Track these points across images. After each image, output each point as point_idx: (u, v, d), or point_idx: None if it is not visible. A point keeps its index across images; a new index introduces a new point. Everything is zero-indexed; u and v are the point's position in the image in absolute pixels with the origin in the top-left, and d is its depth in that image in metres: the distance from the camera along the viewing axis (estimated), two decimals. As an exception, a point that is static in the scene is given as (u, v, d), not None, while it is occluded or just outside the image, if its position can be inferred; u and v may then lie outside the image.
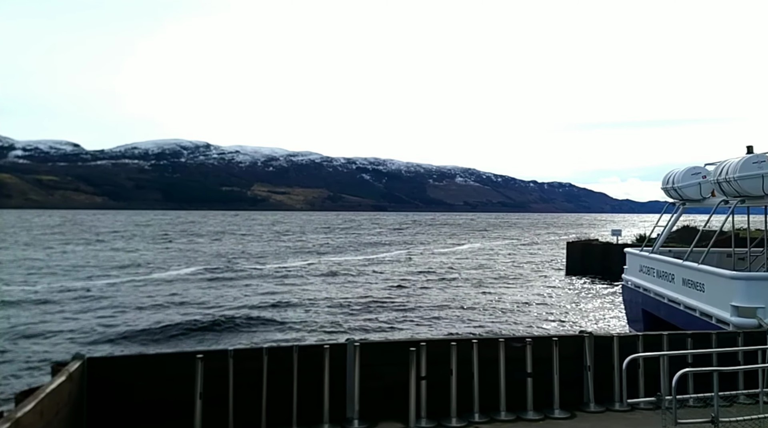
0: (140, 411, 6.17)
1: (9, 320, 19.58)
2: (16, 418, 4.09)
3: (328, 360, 6.46)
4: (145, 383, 6.17)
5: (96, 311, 21.86)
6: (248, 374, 6.30)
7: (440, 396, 6.64)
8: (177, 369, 6.24)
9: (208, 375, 6.11)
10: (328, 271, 36.14)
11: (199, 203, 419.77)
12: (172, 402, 6.20)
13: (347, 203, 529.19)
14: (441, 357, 6.69)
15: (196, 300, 24.81)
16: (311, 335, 17.86)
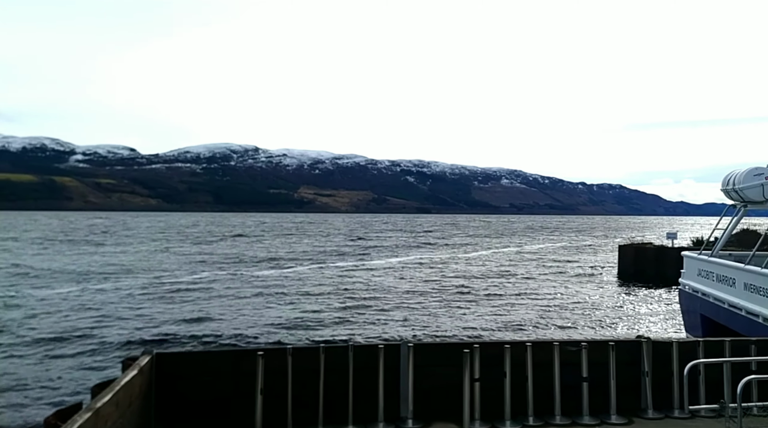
0: (204, 405, 6.37)
1: (79, 316, 20.77)
2: (96, 408, 4.40)
3: (383, 360, 6.51)
4: (209, 378, 6.41)
5: (163, 308, 22.89)
6: (306, 371, 6.46)
7: (494, 398, 6.60)
8: (239, 365, 6.44)
9: (268, 372, 6.29)
10: (378, 271, 36.51)
11: (247, 206, 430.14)
12: (234, 397, 6.39)
13: (391, 205, 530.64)
14: (494, 359, 6.67)
15: (256, 297, 25.57)
16: (364, 334, 18.17)
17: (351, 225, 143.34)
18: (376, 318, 21.10)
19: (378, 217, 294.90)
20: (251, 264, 40.96)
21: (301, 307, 23.09)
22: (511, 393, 6.62)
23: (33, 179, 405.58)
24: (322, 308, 22.84)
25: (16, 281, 29.84)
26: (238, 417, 6.33)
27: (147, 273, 34.63)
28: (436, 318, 21.36)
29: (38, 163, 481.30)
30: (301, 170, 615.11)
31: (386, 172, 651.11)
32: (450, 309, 23.21)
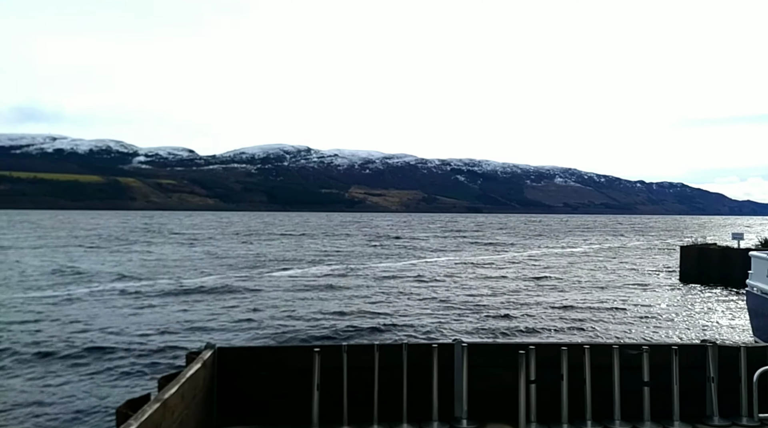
0: (263, 399, 6.52)
1: (144, 311, 21.92)
2: (164, 399, 4.58)
3: (437, 359, 6.52)
4: (267, 373, 6.54)
5: (223, 303, 23.69)
6: (360, 369, 6.50)
7: (550, 400, 6.51)
8: (296, 361, 6.56)
9: (325, 369, 6.37)
10: (429, 270, 36.92)
11: (299, 205, 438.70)
12: (291, 393, 6.51)
13: (442, 204, 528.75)
14: (551, 361, 6.58)
15: (311, 294, 26.24)
16: (419, 334, 18.27)
17: (399, 224, 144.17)
18: (428, 317, 21.28)
19: (427, 216, 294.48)
20: (304, 262, 42.08)
21: (353, 305, 23.52)
22: (569, 396, 6.49)
23: (99, 180, 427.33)
24: (374, 307, 23.18)
25: (83, 278, 31.35)
26: (296, 413, 6.44)
27: (207, 270, 36.25)
28: (489, 318, 21.32)
29: (104, 164, 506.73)
30: (352, 169, 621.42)
31: (436, 171, 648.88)
32: (503, 310, 23.17)
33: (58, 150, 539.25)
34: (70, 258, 42.69)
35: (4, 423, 10.05)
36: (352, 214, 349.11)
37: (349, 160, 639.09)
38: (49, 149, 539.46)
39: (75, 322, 19.21)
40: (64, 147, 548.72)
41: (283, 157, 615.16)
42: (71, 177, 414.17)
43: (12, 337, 16.83)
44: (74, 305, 22.59)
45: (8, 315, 19.93)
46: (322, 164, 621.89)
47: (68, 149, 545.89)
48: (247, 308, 22.42)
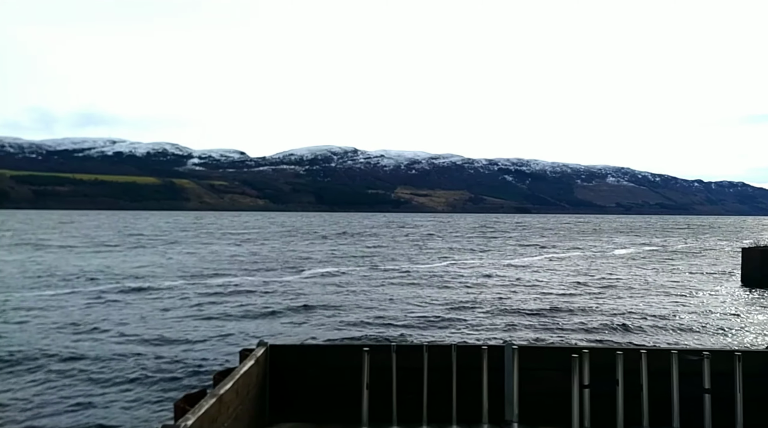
0: (314, 397, 6.58)
1: (201, 307, 22.45)
2: (219, 395, 4.69)
3: (486, 361, 6.46)
4: (318, 371, 6.61)
5: (274, 301, 24.03)
6: (409, 369, 6.50)
7: (605, 406, 6.34)
8: (346, 360, 6.58)
9: (374, 368, 6.38)
10: (474, 272, 36.74)
11: (347, 206, 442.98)
12: (341, 391, 6.54)
13: (489, 204, 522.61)
14: (606, 366, 6.39)
15: (363, 293, 26.37)
16: (469, 335, 18.23)
17: (444, 224, 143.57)
18: (478, 319, 21.15)
19: (473, 217, 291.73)
20: (350, 261, 42.52)
21: (397, 305, 23.57)
22: (624, 403, 6.32)
23: (156, 182, 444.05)
24: (422, 307, 23.21)
25: (138, 276, 32.37)
26: (346, 411, 6.46)
27: (258, 269, 37.08)
28: (538, 321, 20.93)
29: (160, 166, 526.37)
30: (398, 170, 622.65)
31: (483, 171, 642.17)
32: (554, 312, 22.67)
33: (118, 153, 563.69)
34: (127, 257, 44.53)
35: (70, 416, 10.38)
36: (398, 214, 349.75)
37: (396, 160, 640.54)
38: (109, 151, 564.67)
39: (130, 318, 19.93)
40: (123, 150, 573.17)
41: (331, 158, 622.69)
42: (129, 179, 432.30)
43: (71, 332, 17.54)
44: (129, 302, 23.45)
45: (71, 312, 20.84)
46: (369, 164, 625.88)
47: (127, 151, 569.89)
48: (298, 306, 22.74)
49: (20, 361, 14.01)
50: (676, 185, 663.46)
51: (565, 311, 23.07)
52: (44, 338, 16.71)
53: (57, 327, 18.33)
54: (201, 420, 4.12)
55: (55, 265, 37.09)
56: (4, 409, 10.62)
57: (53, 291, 25.75)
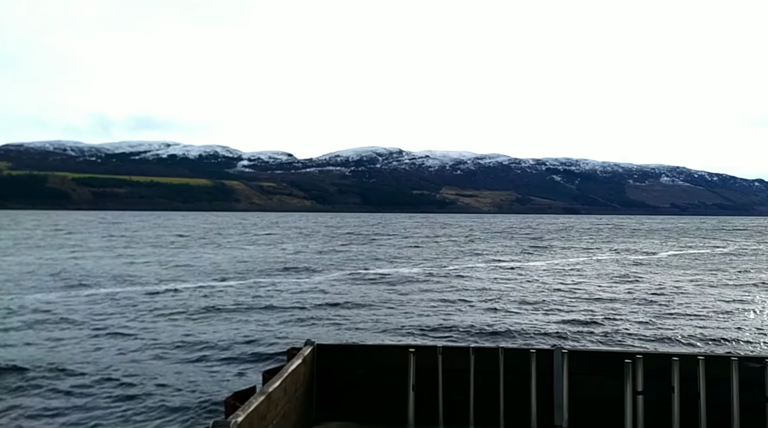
0: (360, 397, 6.59)
1: (249, 305, 23.02)
2: (268, 392, 4.79)
3: (535, 365, 6.33)
4: (364, 371, 6.62)
5: (321, 300, 24.29)
6: (455, 371, 6.46)
7: (660, 414, 6.14)
8: (392, 361, 6.59)
9: (420, 369, 6.40)
10: (525, 273, 36.22)
11: (392, 206, 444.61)
12: (387, 391, 6.54)
13: (536, 205, 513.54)
14: (660, 372, 6.17)
15: (407, 293, 26.29)
16: (517, 337, 17.78)
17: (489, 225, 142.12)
18: (526, 321, 20.51)
19: (520, 217, 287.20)
20: (395, 262, 42.78)
21: (445, 306, 23.19)
22: (681, 410, 6.06)
23: (207, 183, 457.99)
24: (470, 308, 22.86)
25: (189, 274, 33.11)
26: (391, 411, 6.45)
27: (304, 268, 36.97)
28: (590, 325, 19.93)
29: (211, 168, 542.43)
30: (443, 170, 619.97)
31: (530, 171, 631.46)
32: (605, 316, 21.61)
33: (172, 155, 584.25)
34: (177, 256, 46.50)
35: (124, 411, 10.87)
36: (443, 215, 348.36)
37: (441, 161, 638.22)
38: (164, 154, 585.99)
39: (181, 316, 20.56)
40: (176, 153, 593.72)
41: (376, 159, 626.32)
42: (183, 181, 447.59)
43: (128, 329, 18.25)
44: (178, 300, 24.16)
45: (125, 308, 21.88)
46: (414, 165, 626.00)
47: (180, 154, 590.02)
48: (343, 306, 22.79)
49: (67, 361, 14.37)
50: (735, 185, 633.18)
51: (613, 316, 22.08)
52: (95, 336, 17.44)
53: (106, 324, 19.04)
54: (250, 417, 4.18)
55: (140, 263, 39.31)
56: (57, 410, 10.92)
57: (111, 289, 26.72)
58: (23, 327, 18.10)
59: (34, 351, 15.06)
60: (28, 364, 13.70)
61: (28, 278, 30.49)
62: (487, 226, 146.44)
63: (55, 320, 19.46)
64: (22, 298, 23.78)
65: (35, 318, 19.54)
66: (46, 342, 16.12)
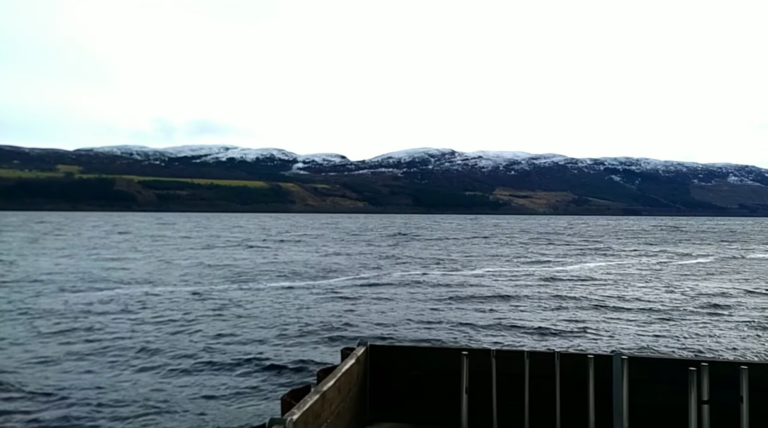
0: (413, 398, 6.62)
1: (307, 304, 23.38)
2: (323, 391, 4.83)
3: (593, 371, 6.16)
4: (416, 372, 6.65)
5: (377, 300, 24.43)
6: (509, 375, 6.39)
7: (726, 425, 5.91)
8: (444, 363, 6.58)
9: (473, 372, 6.32)
10: (576, 276, 35.45)
11: (444, 208, 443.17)
12: (440, 393, 6.56)
13: (594, 206, 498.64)
14: (728, 381, 5.94)
15: (457, 295, 26.11)
16: (574, 342, 17.43)
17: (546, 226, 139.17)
18: (585, 325, 19.97)
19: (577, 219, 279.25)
20: (447, 263, 42.65)
21: (497, 309, 22.98)
22: (750, 421, 5.78)
23: (264, 186, 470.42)
24: (526, 311, 22.52)
25: (248, 275, 33.40)
26: (445, 414, 6.46)
27: (356, 269, 36.92)
28: (652, 330, 19.28)
29: (268, 171, 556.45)
30: (497, 171, 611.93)
31: (588, 171, 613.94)
32: (669, 322, 20.74)
33: (230, 159, 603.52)
34: (238, 256, 48.14)
35: (182, 408, 11.20)
36: (497, 216, 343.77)
37: (494, 161, 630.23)
38: (223, 158, 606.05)
39: (241, 314, 21.20)
40: (235, 156, 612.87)
41: (428, 160, 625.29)
42: (241, 183, 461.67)
43: (181, 328, 18.72)
44: (236, 299, 24.76)
45: (193, 306, 22.62)
46: (466, 166, 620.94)
47: (238, 157, 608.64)
48: (397, 307, 22.88)
49: (133, 357, 14.90)
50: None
51: (675, 321, 21.24)
52: (157, 331, 17.98)
53: (166, 321, 19.66)
54: (306, 415, 4.25)
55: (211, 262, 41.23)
56: (119, 402, 11.41)
57: (190, 288, 27.27)
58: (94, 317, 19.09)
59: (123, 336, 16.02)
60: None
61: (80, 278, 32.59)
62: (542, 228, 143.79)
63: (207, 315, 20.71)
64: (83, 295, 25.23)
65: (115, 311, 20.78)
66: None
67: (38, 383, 12.50)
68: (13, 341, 16.51)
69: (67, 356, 14.86)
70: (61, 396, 11.63)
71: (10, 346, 15.93)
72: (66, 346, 15.91)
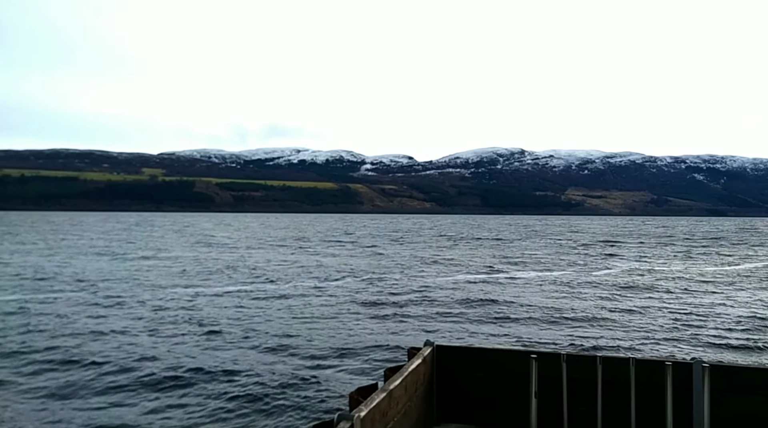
0: (480, 400, 6.53)
1: (370, 303, 23.60)
2: (390, 390, 4.88)
3: (671, 379, 5.90)
4: (483, 374, 6.54)
5: (441, 301, 24.50)
6: (581, 380, 6.22)
7: None
8: (513, 365, 6.44)
9: (542, 376, 6.21)
10: (651, 279, 34.26)
11: (513, 208, 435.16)
12: (508, 396, 6.42)
13: (674, 206, 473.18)
14: None
15: (523, 297, 25.75)
16: (649, 348, 16.87)
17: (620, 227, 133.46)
18: (655, 331, 19.30)
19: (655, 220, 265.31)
20: (511, 265, 41.89)
21: (567, 311, 22.48)
22: None
23: (333, 187, 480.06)
24: (599, 315, 21.84)
25: (312, 273, 33.35)
26: (513, 418, 6.36)
27: (421, 269, 37.21)
28: (729, 337, 18.40)
29: (337, 172, 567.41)
30: (569, 170, 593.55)
31: (668, 170, 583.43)
32: (746, 328, 19.77)
33: (301, 161, 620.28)
34: (299, 255, 48.19)
35: (258, 403, 11.51)
36: (568, 217, 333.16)
37: (566, 160, 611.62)
38: (294, 160, 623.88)
39: (306, 313, 21.63)
40: (305, 158, 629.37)
41: (497, 160, 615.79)
42: (311, 184, 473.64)
43: (250, 325, 19.14)
44: (303, 297, 25.26)
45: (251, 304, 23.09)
46: (537, 165, 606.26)
47: (309, 159, 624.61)
48: (463, 308, 22.81)
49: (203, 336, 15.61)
50: None
51: (757, 331, 19.99)
52: (230, 327, 18.32)
53: (238, 318, 20.12)
54: (373, 413, 4.30)
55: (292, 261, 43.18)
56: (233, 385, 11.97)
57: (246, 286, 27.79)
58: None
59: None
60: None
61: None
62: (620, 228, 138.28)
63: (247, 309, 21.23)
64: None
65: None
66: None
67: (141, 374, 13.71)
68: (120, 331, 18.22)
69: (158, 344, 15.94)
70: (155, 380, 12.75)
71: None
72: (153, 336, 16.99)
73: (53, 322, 19.29)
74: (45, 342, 16.41)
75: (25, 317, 19.98)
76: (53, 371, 13.75)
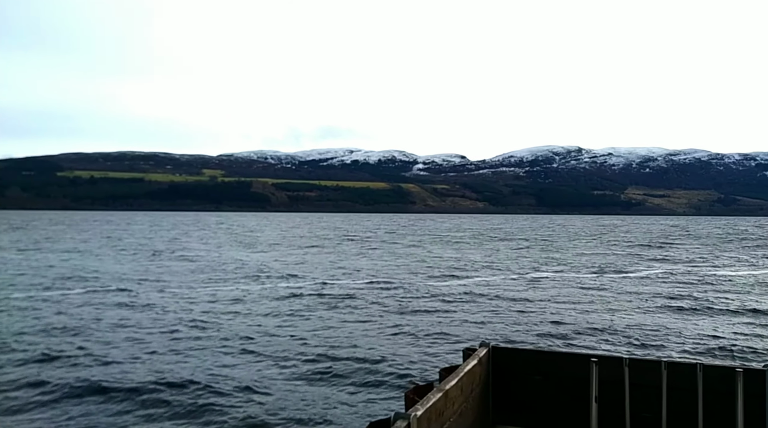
0: (538, 404, 6.42)
1: (428, 303, 23.82)
2: (445, 390, 4.83)
3: (742, 386, 5.64)
4: (541, 377, 6.41)
5: (501, 303, 24.21)
6: (644, 386, 6.05)
7: None
8: (572, 369, 6.31)
9: (603, 381, 6.05)
10: (726, 281, 32.56)
11: (569, 208, 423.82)
12: (567, 400, 6.29)
13: (742, 206, 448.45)
14: None
15: (580, 298, 25.11)
16: (717, 354, 16.32)
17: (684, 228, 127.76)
18: (724, 336, 18.60)
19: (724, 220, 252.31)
20: (568, 266, 41.10)
21: (626, 314, 21.91)
22: None
23: (386, 187, 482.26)
24: (662, 319, 21.25)
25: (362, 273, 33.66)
26: (572, 423, 6.24)
27: (489, 269, 36.81)
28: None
29: (389, 172, 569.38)
30: (629, 169, 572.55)
31: (736, 167, 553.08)
32: None
33: (354, 161, 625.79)
34: (348, 256, 49.33)
35: (310, 399, 11.54)
36: (630, 217, 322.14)
37: (626, 158, 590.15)
38: (347, 160, 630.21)
39: (356, 307, 22.31)
40: (358, 158, 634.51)
41: (552, 158, 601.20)
42: (364, 184, 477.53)
43: (302, 322, 19.42)
44: (355, 297, 25.71)
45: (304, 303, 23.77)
46: (595, 164, 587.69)
47: (362, 160, 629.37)
48: (518, 309, 22.72)
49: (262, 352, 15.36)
50: None
51: None
52: (279, 327, 18.53)
53: (290, 316, 20.26)
54: (429, 412, 4.26)
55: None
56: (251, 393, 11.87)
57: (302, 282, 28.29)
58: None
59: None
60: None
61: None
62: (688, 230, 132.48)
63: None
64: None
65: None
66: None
67: (144, 373, 14.43)
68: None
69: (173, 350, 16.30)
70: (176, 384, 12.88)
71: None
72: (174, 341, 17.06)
73: (54, 319, 19.81)
74: (42, 339, 16.85)
75: (20, 315, 20.57)
76: (50, 369, 13.96)
